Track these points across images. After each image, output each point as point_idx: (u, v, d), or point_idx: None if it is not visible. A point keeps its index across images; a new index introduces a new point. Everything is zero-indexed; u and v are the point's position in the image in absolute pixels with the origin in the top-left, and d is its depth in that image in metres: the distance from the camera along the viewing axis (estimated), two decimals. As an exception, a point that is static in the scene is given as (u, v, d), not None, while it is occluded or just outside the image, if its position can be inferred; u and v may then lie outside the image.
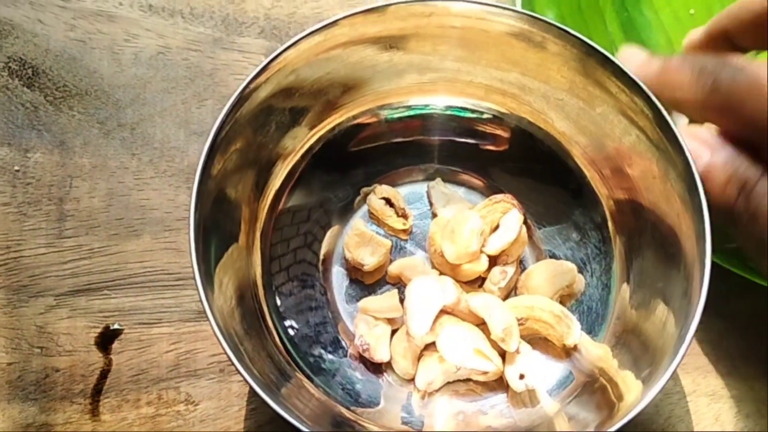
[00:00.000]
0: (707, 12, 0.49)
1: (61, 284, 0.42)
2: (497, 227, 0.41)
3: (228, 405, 0.40)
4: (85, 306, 0.42)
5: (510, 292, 0.42)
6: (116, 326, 0.41)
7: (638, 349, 0.37)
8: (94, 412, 0.40)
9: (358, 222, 0.42)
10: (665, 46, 0.49)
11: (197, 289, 0.32)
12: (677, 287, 0.36)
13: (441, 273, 0.41)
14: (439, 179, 0.44)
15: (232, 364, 0.32)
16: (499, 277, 0.40)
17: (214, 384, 0.40)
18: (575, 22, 0.48)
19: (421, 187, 0.45)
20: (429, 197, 0.44)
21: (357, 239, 0.42)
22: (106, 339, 0.41)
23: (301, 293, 0.41)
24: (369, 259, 0.41)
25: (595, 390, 0.37)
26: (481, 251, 0.40)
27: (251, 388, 0.31)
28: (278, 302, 0.40)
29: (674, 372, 0.32)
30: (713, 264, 0.33)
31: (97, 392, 0.40)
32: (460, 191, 0.45)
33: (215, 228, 0.36)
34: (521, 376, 0.38)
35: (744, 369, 0.42)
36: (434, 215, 0.44)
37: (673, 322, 0.35)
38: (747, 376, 0.42)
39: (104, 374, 0.40)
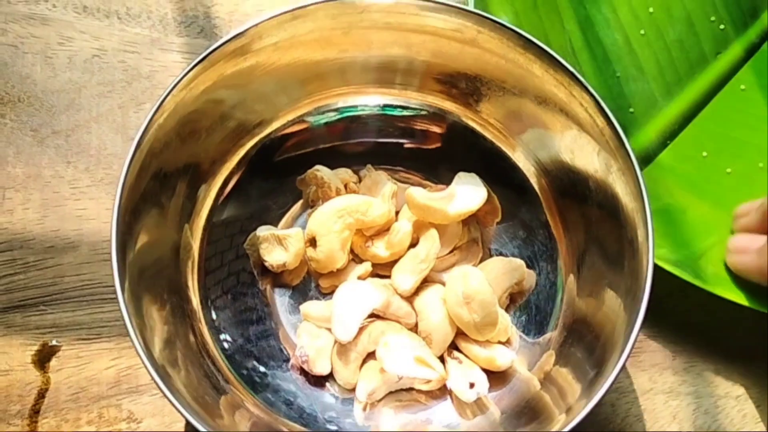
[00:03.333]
0: (666, 11, 0.49)
1: (-6, 301, 0.40)
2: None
3: (172, 421, 0.39)
4: (20, 323, 0.40)
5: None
6: (54, 343, 0.40)
7: (590, 340, 0.36)
8: (32, 434, 0.38)
9: (260, 230, 0.41)
10: (623, 44, 0.48)
11: (121, 312, 0.31)
12: (623, 283, 0.35)
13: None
14: (369, 165, 0.43)
15: (159, 389, 0.30)
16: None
17: (157, 400, 0.39)
18: (531, 20, 0.47)
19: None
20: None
21: (266, 245, 0.40)
22: (44, 357, 0.39)
23: (240, 306, 0.40)
24: (284, 256, 0.40)
25: (541, 394, 0.36)
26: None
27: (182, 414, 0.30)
28: (214, 316, 0.38)
29: (623, 366, 0.31)
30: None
31: (35, 413, 0.38)
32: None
33: (144, 242, 0.35)
34: (471, 385, 0.37)
35: (702, 365, 0.41)
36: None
37: (623, 317, 0.34)
38: (705, 373, 0.41)
39: (42, 393, 0.39)
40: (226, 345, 0.38)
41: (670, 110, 0.47)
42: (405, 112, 0.43)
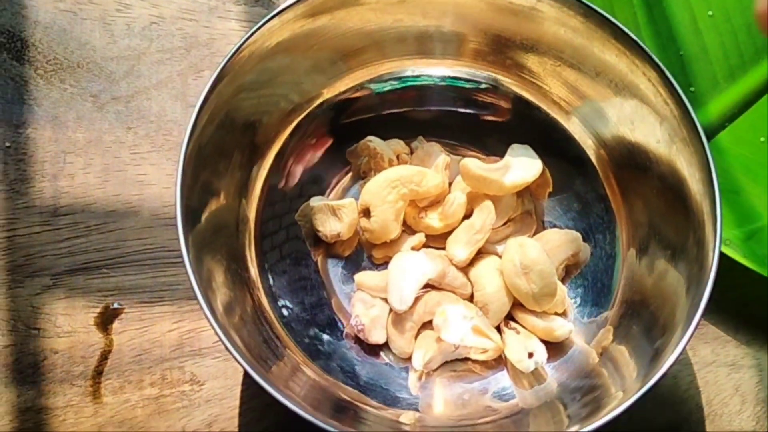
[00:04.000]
0: None
1: (57, 263, 0.41)
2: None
3: (235, 384, 0.39)
4: (83, 285, 0.40)
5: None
6: (116, 305, 0.40)
7: (649, 318, 0.36)
8: (96, 394, 0.38)
9: (313, 200, 0.41)
10: (689, 24, 0.47)
11: (187, 274, 0.31)
12: (688, 253, 0.35)
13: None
14: (421, 137, 0.43)
15: (225, 348, 0.30)
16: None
17: (219, 363, 0.39)
18: None
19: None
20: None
21: (320, 215, 0.40)
22: (106, 319, 0.40)
23: (295, 272, 0.40)
24: (338, 226, 0.40)
25: (599, 368, 0.36)
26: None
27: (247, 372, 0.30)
28: (271, 282, 0.39)
29: (689, 341, 0.31)
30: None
31: (98, 374, 0.39)
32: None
33: (205, 206, 0.35)
34: (530, 355, 0.37)
35: (764, 339, 0.41)
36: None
37: (685, 289, 0.34)
38: (767, 345, 0.41)
39: (105, 355, 0.39)
40: (284, 312, 0.38)
41: (731, 93, 0.47)
42: (459, 83, 0.43)
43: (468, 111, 0.43)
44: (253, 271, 0.38)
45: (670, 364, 0.31)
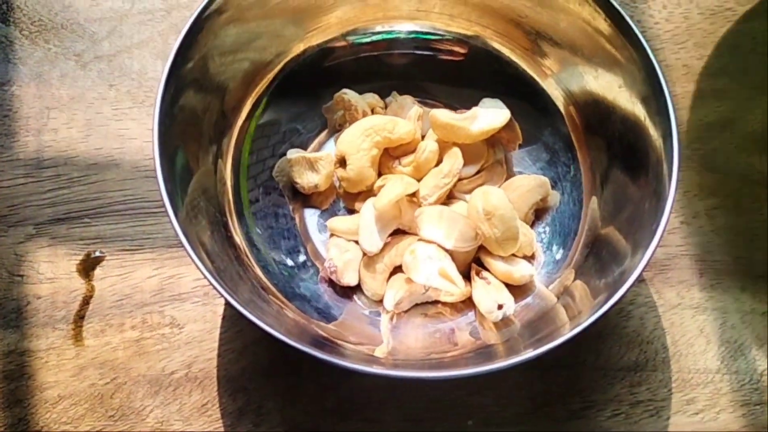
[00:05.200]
0: None
1: (40, 213, 0.42)
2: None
3: (213, 327, 0.40)
4: (65, 234, 0.41)
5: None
6: (98, 253, 0.41)
7: (608, 255, 0.37)
8: (77, 337, 0.39)
9: (291, 153, 0.42)
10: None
11: (169, 218, 0.32)
12: (647, 189, 0.36)
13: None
14: (394, 92, 0.44)
15: (214, 287, 0.31)
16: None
17: (198, 307, 0.40)
18: None
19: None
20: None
21: (298, 167, 0.41)
22: (88, 266, 0.41)
23: (274, 223, 0.41)
24: (315, 178, 0.41)
25: (558, 306, 0.38)
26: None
27: (236, 310, 0.31)
28: (249, 232, 0.40)
29: (646, 265, 0.32)
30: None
31: (80, 318, 0.40)
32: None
33: (184, 161, 0.36)
34: (499, 306, 0.38)
35: (728, 282, 0.42)
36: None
37: (644, 225, 0.35)
38: (731, 289, 0.42)
39: (87, 300, 0.40)
40: (264, 258, 0.40)
41: None
42: (434, 37, 0.44)
43: (437, 57, 0.45)
44: (232, 219, 0.40)
45: (621, 294, 0.32)
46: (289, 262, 0.40)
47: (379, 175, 0.42)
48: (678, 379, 0.40)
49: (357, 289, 0.40)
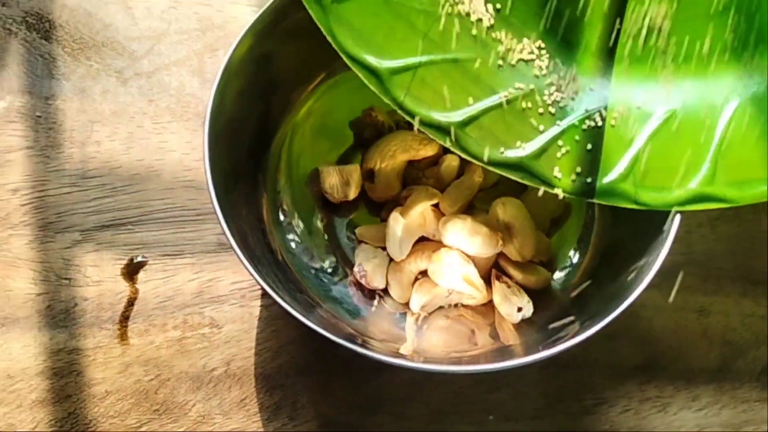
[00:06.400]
0: None
1: (86, 221, 0.44)
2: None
3: (250, 327, 0.42)
4: (110, 240, 0.44)
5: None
6: (141, 258, 0.44)
7: (620, 262, 0.40)
8: (123, 337, 0.42)
9: (322, 165, 0.44)
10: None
11: (219, 221, 0.35)
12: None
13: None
14: None
15: (260, 285, 0.34)
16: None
17: (236, 309, 0.43)
18: None
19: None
20: None
21: (328, 178, 0.44)
22: (132, 270, 0.43)
23: (305, 231, 0.44)
24: (345, 188, 0.44)
25: (574, 309, 0.40)
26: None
27: (282, 309, 0.34)
28: (285, 238, 0.43)
29: (649, 282, 0.35)
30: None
31: (125, 318, 0.42)
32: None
33: (228, 165, 0.39)
34: (519, 309, 0.41)
35: (730, 287, 0.45)
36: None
37: (653, 233, 0.38)
38: (732, 294, 0.45)
39: (131, 302, 0.43)
40: (295, 263, 0.42)
41: None
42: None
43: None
44: (271, 227, 0.42)
45: (632, 299, 0.35)
46: (321, 267, 0.43)
47: (404, 185, 0.45)
48: (683, 378, 0.43)
49: (384, 292, 0.43)
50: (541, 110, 0.39)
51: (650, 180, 0.38)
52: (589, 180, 0.38)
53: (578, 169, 0.38)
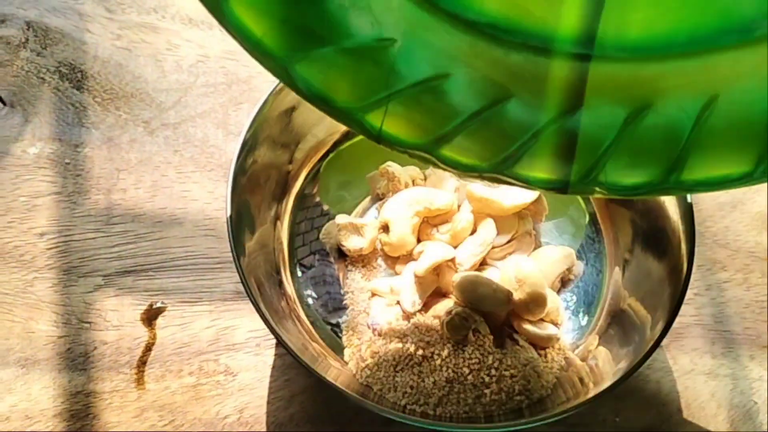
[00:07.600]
0: None
1: (109, 266, 0.46)
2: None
3: (264, 376, 0.43)
4: (131, 285, 0.45)
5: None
6: (160, 304, 0.45)
7: (630, 324, 0.41)
8: (140, 381, 0.43)
9: (339, 218, 0.46)
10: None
11: (237, 269, 0.37)
12: (666, 264, 0.40)
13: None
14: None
15: (276, 337, 0.35)
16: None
17: (251, 357, 0.44)
18: None
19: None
20: None
21: (345, 232, 0.45)
22: (151, 315, 0.44)
23: (320, 282, 0.45)
24: (361, 242, 0.45)
25: (582, 370, 0.41)
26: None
27: (295, 359, 0.35)
28: (300, 290, 0.44)
29: (665, 333, 0.36)
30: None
31: (142, 363, 0.43)
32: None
33: (248, 216, 0.40)
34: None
35: (738, 351, 0.46)
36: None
37: (663, 297, 0.39)
38: (740, 357, 0.45)
39: (149, 347, 0.44)
40: (309, 313, 0.43)
41: None
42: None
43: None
44: (286, 279, 0.44)
45: (641, 362, 0.36)
46: (335, 320, 0.44)
47: (419, 241, 0.46)
48: (691, 440, 0.44)
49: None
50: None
51: (624, 169, 0.37)
52: (563, 176, 0.38)
53: (553, 166, 0.39)
